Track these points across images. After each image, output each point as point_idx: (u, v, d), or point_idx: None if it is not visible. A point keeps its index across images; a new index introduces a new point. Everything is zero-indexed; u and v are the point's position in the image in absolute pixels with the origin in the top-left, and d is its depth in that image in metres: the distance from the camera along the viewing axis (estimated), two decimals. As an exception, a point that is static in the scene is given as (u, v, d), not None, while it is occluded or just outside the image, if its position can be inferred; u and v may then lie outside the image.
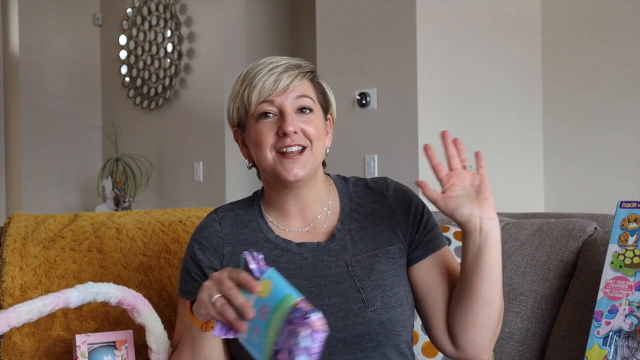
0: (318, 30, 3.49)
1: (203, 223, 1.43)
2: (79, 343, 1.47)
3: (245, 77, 1.36)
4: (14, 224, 1.72)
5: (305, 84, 1.36)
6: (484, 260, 1.31)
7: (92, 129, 5.44)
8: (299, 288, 1.30)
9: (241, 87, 1.36)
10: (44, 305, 1.41)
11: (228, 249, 1.38)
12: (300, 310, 1.03)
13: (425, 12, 3.15)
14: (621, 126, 3.36)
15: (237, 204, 1.46)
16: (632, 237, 1.48)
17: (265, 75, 1.33)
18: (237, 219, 1.41)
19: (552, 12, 3.58)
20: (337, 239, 1.38)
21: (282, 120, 1.32)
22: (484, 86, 3.41)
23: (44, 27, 5.31)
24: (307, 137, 1.33)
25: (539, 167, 3.62)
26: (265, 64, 1.35)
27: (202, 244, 1.39)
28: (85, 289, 1.42)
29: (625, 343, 1.42)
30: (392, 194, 1.42)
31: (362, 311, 1.30)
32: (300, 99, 1.34)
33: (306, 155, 1.33)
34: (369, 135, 3.25)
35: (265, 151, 1.33)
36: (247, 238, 1.39)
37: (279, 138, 1.32)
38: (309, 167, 1.33)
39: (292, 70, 1.34)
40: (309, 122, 1.34)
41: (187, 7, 4.69)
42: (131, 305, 1.44)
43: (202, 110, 4.58)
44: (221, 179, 4.36)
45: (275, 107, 1.33)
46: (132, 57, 5.12)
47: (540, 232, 1.87)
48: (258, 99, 1.33)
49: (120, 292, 1.44)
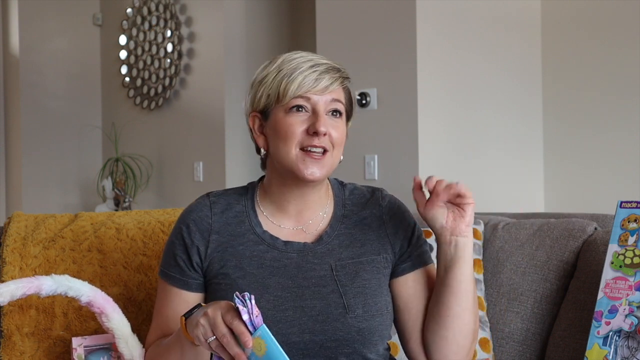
0: (318, 30, 3.49)
1: (193, 206, 1.43)
2: (75, 345, 1.47)
3: (282, 66, 1.34)
4: (14, 224, 1.72)
5: (340, 89, 1.37)
6: (454, 275, 1.32)
7: (92, 129, 5.44)
8: (281, 287, 1.33)
9: (277, 75, 1.34)
10: (16, 288, 1.39)
11: (214, 237, 1.38)
12: None
13: (425, 12, 3.15)
14: (621, 126, 3.35)
15: (231, 191, 1.45)
16: (632, 237, 1.48)
17: (307, 71, 1.33)
18: (229, 207, 1.41)
19: (552, 12, 3.58)
20: (325, 241, 1.38)
21: (315, 118, 1.32)
22: (484, 86, 3.41)
23: (44, 27, 5.30)
24: (331, 141, 1.34)
25: (539, 167, 3.62)
26: (305, 59, 1.35)
27: (189, 226, 1.39)
28: (60, 280, 1.41)
29: (625, 343, 1.42)
30: (387, 205, 1.44)
31: (342, 317, 1.31)
32: (334, 103, 1.35)
33: (327, 158, 1.34)
34: (369, 135, 3.25)
35: (291, 146, 1.32)
36: (235, 230, 1.39)
37: (308, 136, 1.32)
38: (325, 170, 1.34)
39: (333, 73, 1.35)
40: (336, 127, 1.35)
41: (187, 7, 4.69)
42: (100, 309, 1.43)
43: (202, 110, 4.57)
44: (221, 179, 4.36)
45: (310, 104, 1.33)
46: (132, 57, 5.12)
47: (540, 232, 1.87)
48: (295, 92, 1.32)
49: (92, 293, 1.43)
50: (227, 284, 1.34)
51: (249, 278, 1.34)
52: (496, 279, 1.86)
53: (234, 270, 1.35)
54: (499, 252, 1.89)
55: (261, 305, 1.26)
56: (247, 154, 4.33)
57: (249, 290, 1.29)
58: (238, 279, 1.34)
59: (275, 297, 1.32)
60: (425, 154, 3.13)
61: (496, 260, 1.88)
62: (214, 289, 1.37)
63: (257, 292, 1.30)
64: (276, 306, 1.31)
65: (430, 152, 3.15)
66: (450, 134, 3.26)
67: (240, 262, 1.36)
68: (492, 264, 1.88)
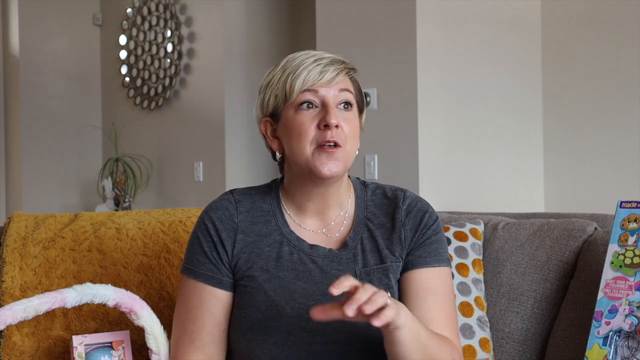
0: (318, 30, 3.49)
1: (218, 203, 1.39)
2: (75, 344, 1.47)
3: (287, 65, 1.33)
4: (14, 224, 1.72)
5: (347, 80, 1.34)
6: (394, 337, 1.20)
7: (92, 129, 5.44)
8: (306, 293, 1.30)
9: (282, 75, 1.33)
10: (40, 304, 1.41)
11: (241, 237, 1.35)
12: None
13: (425, 12, 3.15)
14: (621, 126, 3.36)
15: (254, 189, 1.42)
16: (632, 237, 1.48)
17: (311, 65, 1.31)
18: (254, 205, 1.39)
19: (552, 12, 3.58)
20: (349, 247, 1.36)
21: (325, 111, 1.30)
22: (484, 86, 3.41)
23: (44, 27, 5.30)
24: (344, 134, 1.31)
25: (539, 167, 3.62)
26: (308, 55, 1.33)
27: (215, 224, 1.36)
28: (83, 290, 1.42)
29: (625, 343, 1.42)
30: (406, 207, 1.40)
31: (366, 329, 1.26)
32: (343, 93, 1.32)
33: (340, 152, 1.30)
34: (369, 135, 3.25)
35: (305, 143, 1.30)
36: (261, 229, 1.36)
37: (320, 131, 1.29)
38: (342, 164, 1.31)
39: (338, 64, 1.32)
40: (347, 119, 1.32)
41: (187, 7, 4.69)
42: (129, 308, 1.44)
43: (202, 110, 4.57)
44: (221, 179, 4.36)
45: (318, 98, 1.31)
46: (132, 57, 5.12)
47: (540, 232, 1.87)
48: (301, 87, 1.30)
49: (117, 295, 1.44)
50: (254, 287, 1.32)
51: (275, 282, 1.32)
52: (496, 279, 1.86)
53: (260, 273, 1.33)
54: (499, 252, 1.89)
55: (286, 312, 1.24)
56: (247, 154, 4.33)
57: (275, 295, 1.27)
58: (264, 283, 1.32)
59: (301, 304, 1.29)
60: (425, 154, 3.13)
61: (496, 260, 1.88)
62: (240, 291, 1.34)
63: (283, 297, 1.28)
64: (301, 314, 1.28)
65: (430, 152, 3.15)
66: (450, 134, 3.26)
67: (267, 264, 1.33)
68: (492, 264, 1.88)
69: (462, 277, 1.83)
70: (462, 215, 2.07)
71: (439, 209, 2.50)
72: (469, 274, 1.84)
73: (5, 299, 1.59)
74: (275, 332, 1.25)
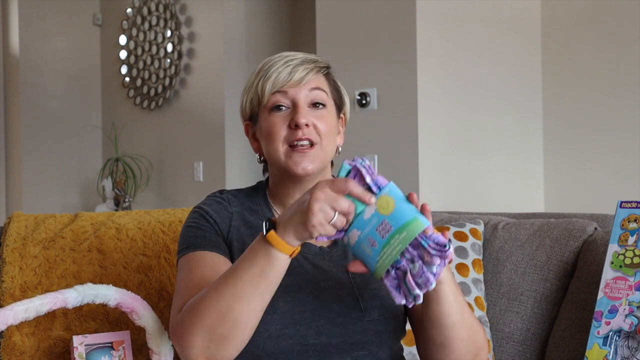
0: (318, 30, 3.49)
1: (210, 199, 1.39)
2: (76, 344, 1.47)
3: (261, 69, 1.35)
4: (14, 224, 1.72)
5: (320, 78, 1.35)
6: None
7: (92, 129, 5.44)
8: (298, 287, 1.29)
9: (256, 78, 1.35)
10: (41, 304, 1.41)
11: (235, 224, 1.35)
12: (431, 238, 1.06)
13: (425, 12, 3.15)
14: (621, 126, 3.36)
15: (242, 191, 1.43)
16: (632, 237, 1.48)
17: (281, 67, 1.32)
18: (244, 206, 1.39)
19: (552, 12, 3.58)
20: (339, 244, 1.36)
21: (294, 112, 1.31)
22: (484, 86, 3.41)
23: (44, 27, 5.31)
24: (317, 132, 1.32)
25: (539, 167, 3.62)
26: (281, 57, 1.34)
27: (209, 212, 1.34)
28: (84, 290, 1.43)
29: (625, 343, 1.42)
30: None
31: (359, 320, 1.29)
32: (314, 92, 1.33)
33: (316, 150, 1.32)
34: (369, 135, 3.25)
35: (277, 143, 1.32)
36: (254, 222, 1.36)
37: (291, 131, 1.31)
38: (318, 162, 1.32)
39: (307, 64, 1.33)
40: (321, 117, 1.33)
41: (187, 7, 4.69)
42: (130, 308, 1.44)
43: (202, 110, 4.58)
44: (221, 179, 4.36)
45: (289, 99, 1.32)
46: (132, 57, 5.12)
47: (540, 232, 1.87)
48: (271, 89, 1.32)
49: (119, 295, 1.44)
50: None
51: None
52: (496, 279, 1.86)
53: None
54: (499, 252, 1.89)
55: (279, 305, 1.24)
56: (247, 154, 4.33)
57: None
58: None
59: (293, 298, 1.29)
60: (425, 154, 3.12)
61: (496, 260, 1.88)
62: None
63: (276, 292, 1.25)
64: (294, 307, 1.27)
65: (430, 152, 3.15)
66: (450, 134, 3.26)
67: None
68: (492, 264, 1.88)
69: (462, 277, 1.83)
70: (462, 215, 2.07)
71: (439, 209, 2.50)
72: (469, 274, 1.84)
73: (6, 299, 1.59)
74: (269, 326, 1.25)
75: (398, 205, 1.08)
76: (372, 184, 1.09)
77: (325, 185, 1.09)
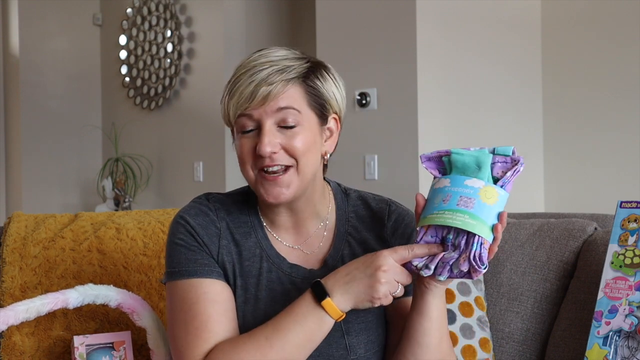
0: (318, 30, 3.49)
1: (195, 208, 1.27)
2: (77, 344, 1.47)
3: (231, 79, 1.23)
4: (14, 224, 1.72)
5: (291, 90, 1.19)
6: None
7: (92, 129, 5.44)
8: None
9: (226, 89, 1.23)
10: (42, 304, 1.41)
11: (224, 243, 1.25)
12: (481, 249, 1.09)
13: (425, 12, 3.15)
14: (621, 126, 3.36)
15: (230, 197, 1.30)
16: (632, 237, 1.48)
17: (245, 83, 1.18)
18: (232, 217, 1.27)
19: (552, 12, 3.58)
20: (330, 266, 1.26)
21: (259, 138, 1.17)
22: (484, 86, 3.41)
23: (44, 27, 5.30)
24: (291, 154, 1.18)
25: (539, 167, 3.62)
26: (250, 65, 1.21)
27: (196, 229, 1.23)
28: (85, 290, 1.43)
29: (625, 343, 1.42)
30: (392, 225, 1.30)
31: (343, 358, 1.23)
32: (282, 112, 1.18)
33: (290, 174, 1.19)
34: (369, 135, 3.25)
35: (247, 168, 1.20)
36: (241, 240, 1.26)
37: (259, 157, 1.18)
38: (294, 187, 1.19)
39: (275, 75, 1.18)
40: (293, 137, 1.18)
41: (187, 7, 4.69)
42: (131, 309, 1.44)
43: (202, 110, 4.57)
44: (221, 179, 4.36)
45: (254, 122, 1.18)
46: (132, 57, 5.12)
47: (540, 232, 1.87)
48: (235, 112, 1.19)
49: (119, 296, 1.44)
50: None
51: (252, 303, 1.24)
52: (496, 279, 1.86)
53: (240, 292, 1.24)
54: (499, 252, 1.89)
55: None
56: (247, 154, 4.33)
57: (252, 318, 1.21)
58: (242, 304, 1.24)
59: None
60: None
61: (496, 260, 1.88)
62: None
63: (259, 321, 1.19)
64: None
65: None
66: (450, 134, 3.26)
67: (247, 282, 1.25)
68: (492, 264, 1.88)
69: (462, 277, 1.83)
70: (462, 215, 2.07)
71: (439, 209, 2.49)
72: (469, 274, 1.84)
73: (6, 299, 1.59)
74: None
75: (493, 206, 1.09)
76: (502, 179, 1.11)
77: (388, 256, 1.09)
